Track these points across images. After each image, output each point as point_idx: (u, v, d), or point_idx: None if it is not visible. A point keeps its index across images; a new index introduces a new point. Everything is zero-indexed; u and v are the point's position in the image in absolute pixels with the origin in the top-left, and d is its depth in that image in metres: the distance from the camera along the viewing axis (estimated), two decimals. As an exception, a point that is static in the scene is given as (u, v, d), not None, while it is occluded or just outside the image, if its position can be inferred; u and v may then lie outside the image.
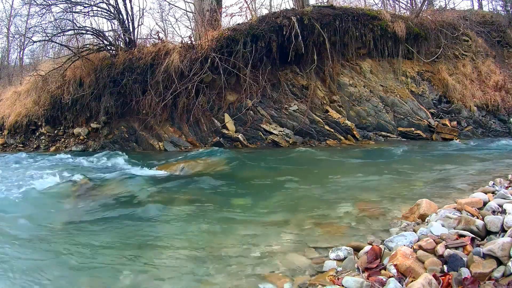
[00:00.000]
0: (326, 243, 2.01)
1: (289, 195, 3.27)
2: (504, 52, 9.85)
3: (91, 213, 3.02)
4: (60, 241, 2.29)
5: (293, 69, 7.86)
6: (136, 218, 2.79)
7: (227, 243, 2.13)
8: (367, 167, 4.65)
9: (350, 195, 3.10)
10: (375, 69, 8.11)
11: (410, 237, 1.76)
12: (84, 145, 8.18)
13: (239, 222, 2.56)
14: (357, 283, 1.42)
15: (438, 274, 1.39)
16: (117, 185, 3.97)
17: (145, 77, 7.47)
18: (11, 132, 9.06)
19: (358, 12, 7.90)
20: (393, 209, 2.57)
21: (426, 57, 8.45)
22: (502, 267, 1.37)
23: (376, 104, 7.75)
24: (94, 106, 7.87)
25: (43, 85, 8.46)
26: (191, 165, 5.04)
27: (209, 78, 7.30)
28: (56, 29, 8.34)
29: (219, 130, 7.37)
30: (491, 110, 8.45)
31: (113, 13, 8.36)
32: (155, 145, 7.55)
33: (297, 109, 7.47)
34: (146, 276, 1.78)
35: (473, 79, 8.66)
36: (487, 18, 10.45)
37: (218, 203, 3.18)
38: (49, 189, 3.79)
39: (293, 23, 7.22)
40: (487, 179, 3.12)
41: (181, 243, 2.19)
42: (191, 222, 2.61)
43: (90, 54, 8.08)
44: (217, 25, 8.32)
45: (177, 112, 7.48)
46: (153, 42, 8.21)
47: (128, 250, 2.12)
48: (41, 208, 3.20)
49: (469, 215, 1.86)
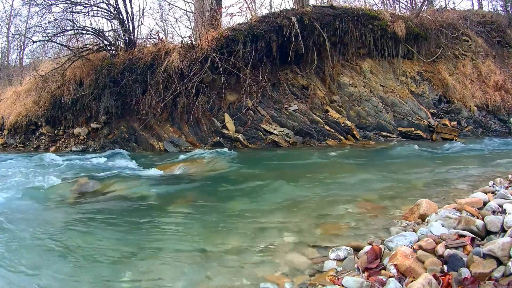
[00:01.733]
0: (326, 243, 2.01)
1: (289, 195, 3.27)
2: (504, 52, 9.84)
3: (91, 213, 3.02)
4: (60, 241, 2.30)
5: (293, 69, 7.86)
6: (136, 218, 2.79)
7: (227, 243, 2.13)
8: (367, 167, 4.65)
9: (350, 195, 3.10)
10: (375, 69, 8.11)
11: (410, 237, 1.76)
12: (84, 145, 8.18)
13: (239, 222, 2.56)
14: (357, 283, 1.42)
15: (438, 274, 1.39)
16: (117, 185, 3.98)
17: (145, 77, 7.47)
18: (11, 132, 9.05)
19: (358, 12, 7.90)
20: (393, 209, 2.58)
21: (426, 57, 8.45)
22: (502, 267, 1.37)
23: (376, 104, 7.74)
24: (94, 106, 7.87)
25: (43, 85, 8.46)
26: (191, 165, 5.04)
27: (209, 78, 7.30)
28: (56, 29, 8.33)
29: (219, 130, 7.37)
30: (491, 110, 8.44)
31: (113, 13, 8.36)
32: (155, 145, 7.55)
33: (297, 109, 7.47)
34: (146, 276, 1.79)
35: (473, 79, 8.66)
36: (487, 18, 10.44)
37: (218, 203, 3.18)
38: (48, 189, 3.80)
39: (293, 23, 7.21)
40: (487, 179, 3.13)
41: (181, 243, 2.19)
42: (191, 222, 2.61)
43: (90, 54, 8.08)
44: (217, 25, 8.32)
45: (177, 112, 7.48)
46: (153, 42, 8.21)
47: (128, 250, 2.12)
48: (40, 208, 3.21)
49: (469, 215, 1.87)
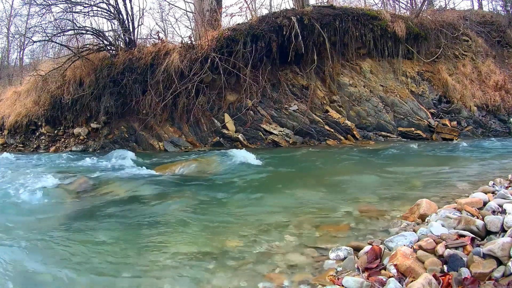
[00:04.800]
0: (326, 243, 2.01)
1: (289, 195, 3.27)
2: (504, 52, 9.84)
3: (90, 213, 3.02)
4: (59, 241, 2.29)
5: (293, 69, 7.86)
6: (136, 218, 2.79)
7: (227, 243, 2.13)
8: (367, 167, 4.65)
9: (350, 195, 3.10)
10: (375, 69, 8.11)
11: (410, 237, 1.76)
12: (84, 145, 8.18)
13: (239, 222, 2.56)
14: (357, 283, 1.41)
15: (438, 274, 1.39)
16: (117, 185, 3.98)
17: (145, 77, 7.47)
18: (11, 132, 9.05)
19: (358, 12, 7.91)
20: (393, 209, 2.57)
21: (426, 57, 8.45)
22: (502, 267, 1.37)
23: (376, 104, 7.74)
24: (94, 106, 7.87)
25: (43, 85, 8.46)
26: (190, 165, 5.03)
27: (209, 78, 7.30)
28: (56, 29, 8.35)
29: (219, 130, 7.37)
30: (491, 110, 8.45)
31: (113, 13, 8.37)
32: (155, 145, 7.55)
33: (297, 109, 7.47)
34: (145, 276, 1.78)
35: (473, 79, 8.66)
36: (487, 18, 10.45)
37: (218, 203, 3.18)
38: (48, 189, 3.79)
39: (293, 23, 7.22)
40: (487, 179, 3.12)
41: (180, 243, 2.19)
42: (191, 222, 2.61)
43: (90, 54, 8.09)
44: (217, 25, 8.33)
45: (177, 112, 7.48)
46: (153, 42, 8.22)
47: (128, 250, 2.12)
48: (40, 208, 3.20)
49: (469, 215, 1.86)
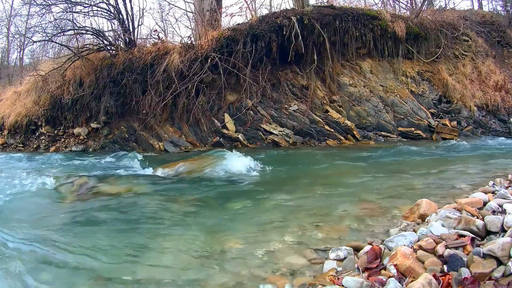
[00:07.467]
0: (326, 243, 2.01)
1: (289, 195, 3.27)
2: (504, 52, 9.85)
3: (90, 213, 3.02)
4: (59, 241, 2.29)
5: (293, 69, 7.86)
6: (136, 218, 2.79)
7: (227, 244, 2.13)
8: (367, 167, 4.65)
9: (350, 195, 3.10)
10: (375, 69, 8.11)
11: (410, 237, 1.76)
12: (84, 145, 8.17)
13: (239, 222, 2.56)
14: (357, 283, 1.41)
15: (438, 274, 1.39)
16: (117, 184, 3.97)
17: (145, 77, 7.46)
18: (11, 132, 9.05)
19: (358, 12, 7.90)
20: (393, 209, 2.57)
21: (426, 57, 8.45)
22: (502, 267, 1.37)
23: (376, 104, 7.74)
24: (94, 106, 7.86)
25: (43, 85, 8.45)
26: (191, 165, 5.03)
27: (209, 78, 7.30)
28: (56, 29, 8.33)
29: (219, 130, 7.37)
30: (491, 110, 8.45)
31: (113, 13, 8.36)
32: (155, 145, 7.55)
33: (297, 109, 7.47)
34: (145, 276, 1.78)
35: (473, 79, 8.66)
36: (487, 18, 10.45)
37: (218, 203, 3.18)
38: (48, 189, 3.79)
39: (293, 23, 7.21)
40: (487, 179, 3.12)
41: (180, 244, 2.18)
42: (191, 223, 2.61)
43: (90, 54, 8.07)
44: (217, 25, 8.33)
45: (177, 112, 7.47)
46: (153, 42, 8.21)
47: (128, 250, 2.12)
48: (40, 208, 3.20)
49: (469, 215, 1.86)
